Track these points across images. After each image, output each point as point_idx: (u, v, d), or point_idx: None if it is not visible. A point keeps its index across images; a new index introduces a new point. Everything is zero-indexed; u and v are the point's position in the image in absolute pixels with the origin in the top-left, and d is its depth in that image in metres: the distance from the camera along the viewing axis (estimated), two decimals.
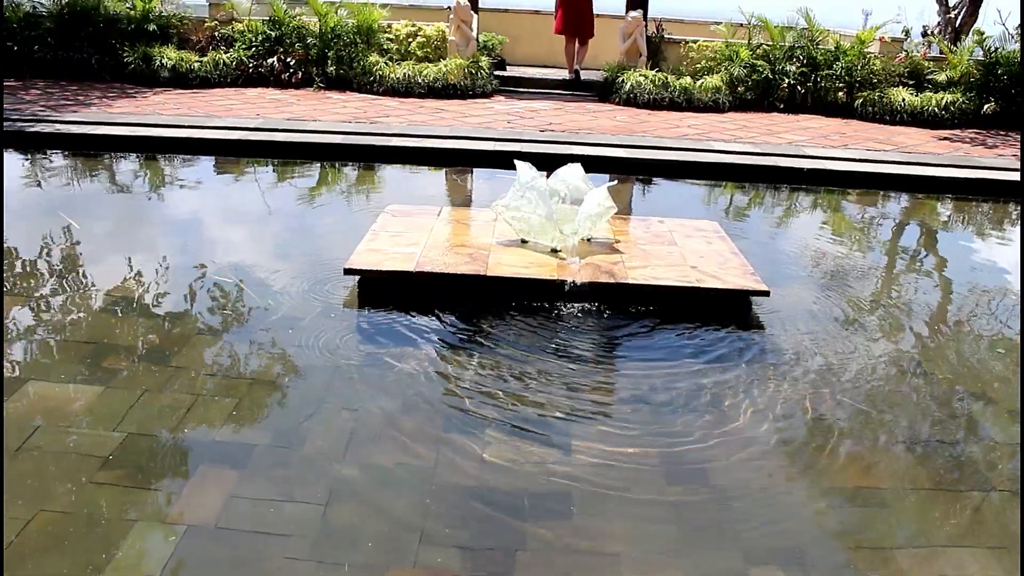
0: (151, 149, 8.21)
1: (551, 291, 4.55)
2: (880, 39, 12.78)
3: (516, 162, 5.12)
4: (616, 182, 5.72)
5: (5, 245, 5.38)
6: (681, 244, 5.23)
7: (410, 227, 5.29)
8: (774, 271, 5.40)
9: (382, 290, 4.68)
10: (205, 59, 11.62)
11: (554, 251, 4.90)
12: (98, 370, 3.79)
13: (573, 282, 4.54)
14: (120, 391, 3.60)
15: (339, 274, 4.79)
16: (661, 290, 4.58)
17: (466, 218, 5.71)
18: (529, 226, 4.93)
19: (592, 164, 7.83)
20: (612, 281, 4.56)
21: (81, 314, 4.49)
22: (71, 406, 3.46)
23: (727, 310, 4.66)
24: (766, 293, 4.64)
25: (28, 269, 5.15)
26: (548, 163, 7.78)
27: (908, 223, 7.82)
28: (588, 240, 5.11)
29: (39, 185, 7.33)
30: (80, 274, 5.16)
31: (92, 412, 3.42)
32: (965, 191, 8.31)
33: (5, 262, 5.11)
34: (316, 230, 6.30)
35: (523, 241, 5.02)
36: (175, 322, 4.41)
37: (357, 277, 4.71)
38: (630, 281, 4.57)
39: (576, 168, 5.38)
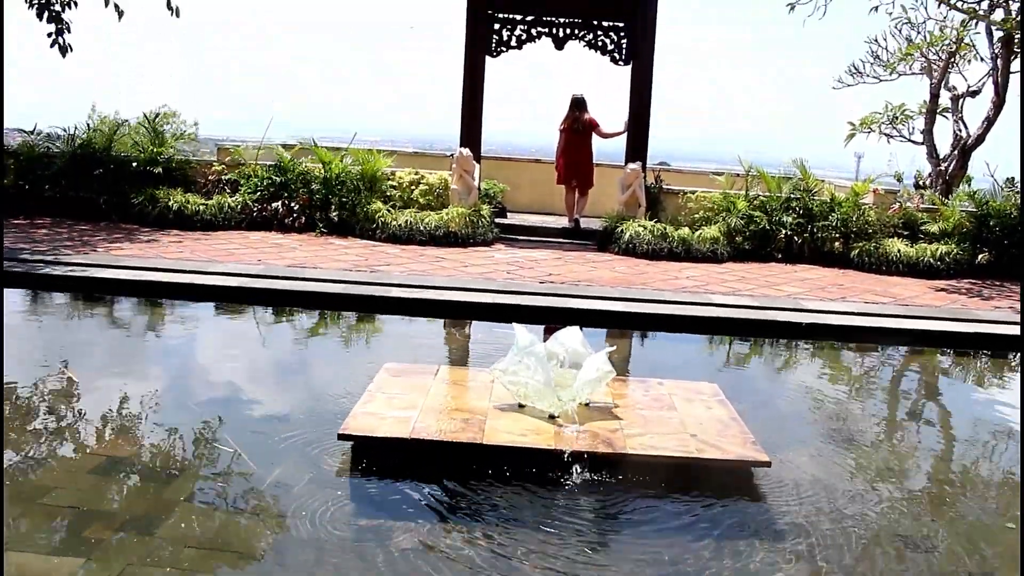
0: (151, 294, 8.24)
1: (549, 461, 4.47)
2: (874, 191, 13.05)
3: (515, 326, 5.13)
4: (615, 348, 5.72)
5: None
6: (681, 409, 5.18)
7: (407, 387, 5.25)
8: (775, 435, 5.32)
9: (377, 455, 4.60)
10: (211, 202, 11.83)
11: (552, 417, 4.84)
12: (79, 540, 3.67)
13: (571, 452, 4.47)
14: (101, 563, 3.49)
15: (334, 435, 4.70)
16: (660, 460, 4.50)
17: (463, 379, 5.67)
18: (527, 391, 4.90)
19: (591, 318, 7.91)
20: (611, 451, 4.49)
21: (66, 475, 4.39)
22: None
23: (728, 480, 4.56)
24: (767, 464, 4.56)
25: (14, 421, 5.06)
26: (547, 316, 7.86)
27: (910, 380, 7.77)
28: (586, 405, 5.06)
29: (35, 329, 7.32)
30: (68, 428, 5.08)
31: None
32: (965, 345, 8.29)
33: None
34: (313, 385, 6.25)
35: (520, 405, 4.98)
36: (162, 486, 4.31)
37: (351, 442, 4.63)
38: (628, 451, 4.49)
39: (574, 331, 5.38)
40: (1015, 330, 8.44)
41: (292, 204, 11.99)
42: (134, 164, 12.26)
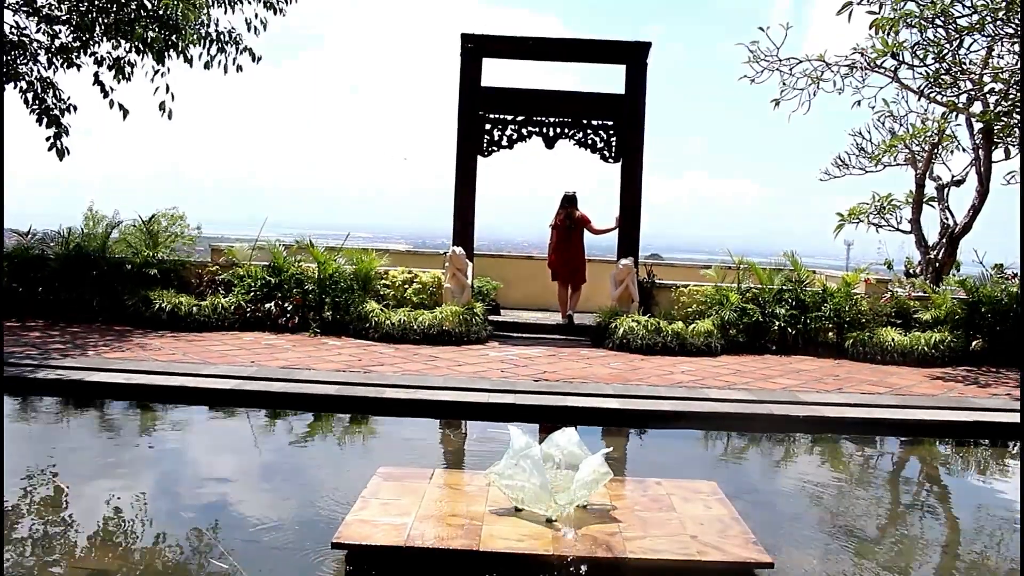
0: (143, 397, 8.17)
1: (547, 567, 4.37)
2: (866, 280, 13.13)
3: (510, 427, 5.08)
4: (612, 448, 5.66)
5: None
6: (680, 509, 5.09)
7: (401, 492, 5.16)
8: (776, 534, 5.24)
9: (372, 564, 4.49)
10: (204, 303, 11.86)
11: (550, 521, 4.75)
12: None
13: (569, 558, 4.38)
14: None
15: (328, 542, 4.60)
16: (661, 564, 4.41)
17: (459, 483, 5.58)
18: (523, 495, 4.82)
19: (587, 416, 7.86)
20: (610, 555, 4.40)
21: None
22: None
23: None
24: (770, 565, 4.46)
25: None
26: (543, 415, 7.81)
27: (911, 472, 7.69)
28: (584, 507, 4.98)
29: (22, 434, 7.22)
30: (53, 539, 4.97)
31: None
32: (964, 434, 8.24)
33: None
34: (307, 490, 6.13)
35: (517, 509, 4.89)
36: None
37: (346, 550, 4.53)
38: (628, 556, 4.40)
39: (570, 433, 5.32)
40: (1014, 418, 8.39)
41: (285, 304, 12.01)
42: (128, 266, 12.35)
